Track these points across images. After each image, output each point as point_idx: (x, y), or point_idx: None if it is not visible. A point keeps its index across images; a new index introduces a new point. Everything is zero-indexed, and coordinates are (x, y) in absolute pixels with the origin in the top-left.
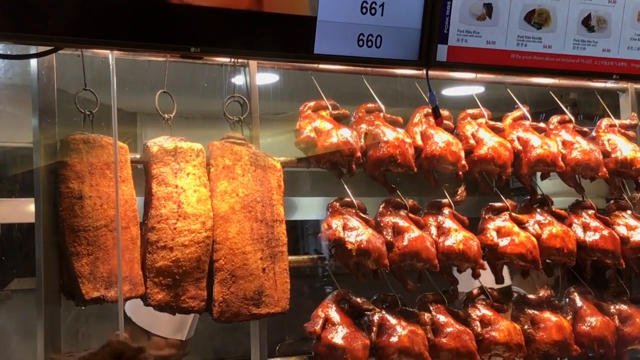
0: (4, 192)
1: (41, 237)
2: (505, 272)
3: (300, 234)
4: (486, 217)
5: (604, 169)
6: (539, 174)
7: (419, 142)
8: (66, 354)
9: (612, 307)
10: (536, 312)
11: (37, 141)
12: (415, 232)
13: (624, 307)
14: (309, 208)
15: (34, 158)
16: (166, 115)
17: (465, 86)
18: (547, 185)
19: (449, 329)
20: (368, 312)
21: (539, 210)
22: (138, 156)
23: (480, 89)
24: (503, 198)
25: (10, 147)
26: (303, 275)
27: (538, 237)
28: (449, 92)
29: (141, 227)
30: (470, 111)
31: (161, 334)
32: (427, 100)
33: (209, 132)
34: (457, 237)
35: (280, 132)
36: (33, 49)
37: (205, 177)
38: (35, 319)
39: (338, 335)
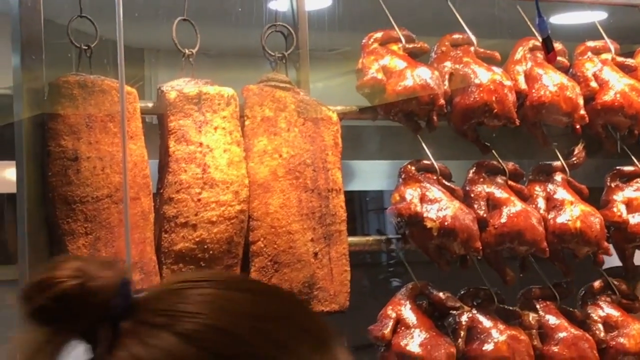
0: None
1: (25, 212)
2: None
3: (358, 209)
4: (612, 185)
5: None
6: None
7: (523, 85)
8: None
9: None
10: None
11: (19, 85)
12: (517, 206)
13: None
14: (371, 175)
15: (14, 107)
16: (187, 51)
17: (584, 11)
18: None
19: (562, 334)
20: (454, 312)
21: None
22: (150, 105)
23: (603, 15)
24: (635, 160)
25: None
26: (362, 263)
27: None
28: (561, 19)
29: (155, 198)
30: (591, 44)
31: None
32: (533, 29)
33: (243, 74)
34: (574, 212)
35: (336, 74)
36: None
37: (239, 133)
38: (10, 325)
39: (414, 342)
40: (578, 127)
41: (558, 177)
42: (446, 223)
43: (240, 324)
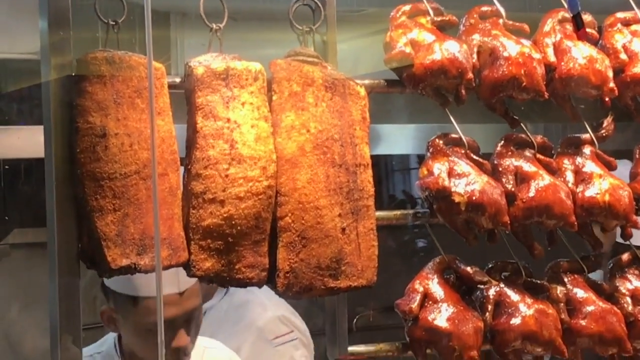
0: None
1: (53, 189)
2: None
3: (384, 171)
4: None
5: None
6: None
7: (552, 58)
8: None
9: None
10: None
11: (47, 59)
12: (545, 179)
13: None
14: (398, 138)
15: (42, 85)
16: (214, 26)
17: None
18: None
19: (590, 308)
20: (481, 286)
21: None
22: (177, 80)
23: None
24: None
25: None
26: (387, 225)
27: None
28: None
29: (183, 175)
30: (620, 15)
31: (148, 295)
32: (563, 1)
33: (270, 38)
34: (602, 186)
35: (363, 34)
36: None
37: (266, 108)
38: (43, 285)
39: (442, 316)
40: (607, 99)
41: (587, 150)
42: (474, 197)
43: None
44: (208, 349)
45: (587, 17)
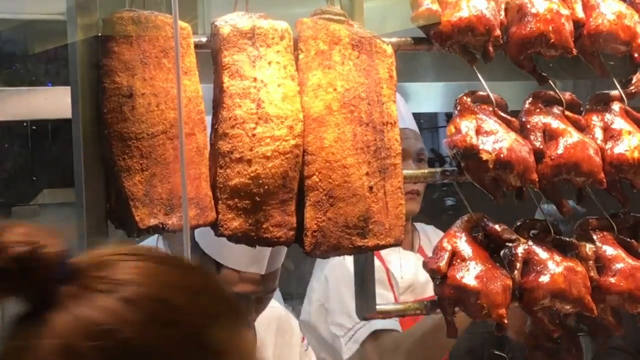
0: (27, 78)
1: (81, 149)
2: None
3: None
4: None
5: None
6: None
7: (580, 14)
8: None
9: None
10: None
11: (73, 19)
12: (573, 136)
13: None
14: (425, 96)
15: (69, 46)
16: None
17: None
18: None
19: (619, 265)
20: (510, 244)
21: None
22: (203, 40)
23: None
24: None
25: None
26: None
27: None
28: None
29: (210, 134)
30: None
31: (233, 267)
32: None
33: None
34: (631, 142)
35: None
36: None
37: (293, 67)
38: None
39: (470, 274)
40: (636, 55)
41: (616, 106)
42: (502, 155)
43: (177, 294)
44: None
45: None
